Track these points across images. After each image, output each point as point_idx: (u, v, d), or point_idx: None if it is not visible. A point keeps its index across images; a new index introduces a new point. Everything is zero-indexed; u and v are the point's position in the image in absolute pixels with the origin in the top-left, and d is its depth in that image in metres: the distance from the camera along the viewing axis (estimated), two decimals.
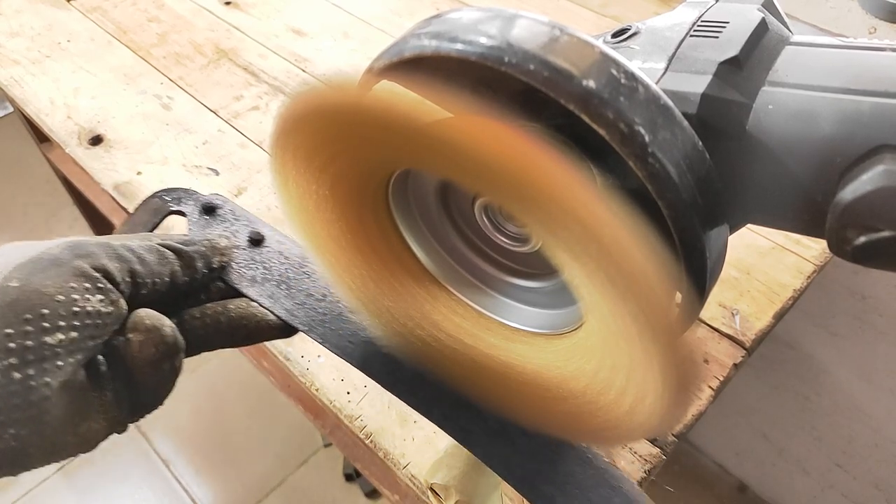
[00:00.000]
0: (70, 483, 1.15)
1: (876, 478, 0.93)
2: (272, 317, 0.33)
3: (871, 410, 0.87)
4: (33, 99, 0.66)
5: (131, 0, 0.81)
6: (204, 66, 0.71)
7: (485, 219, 0.32)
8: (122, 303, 0.26)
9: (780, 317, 0.50)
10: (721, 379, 0.46)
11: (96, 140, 0.62)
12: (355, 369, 0.33)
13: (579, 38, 0.24)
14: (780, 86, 0.26)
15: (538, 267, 0.33)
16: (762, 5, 0.29)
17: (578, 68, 0.23)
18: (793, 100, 0.26)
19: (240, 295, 0.33)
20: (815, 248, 0.54)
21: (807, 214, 0.26)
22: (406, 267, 0.35)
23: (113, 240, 0.27)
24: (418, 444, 0.42)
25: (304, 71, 0.71)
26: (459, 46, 0.24)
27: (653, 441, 0.43)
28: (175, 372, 0.28)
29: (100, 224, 1.19)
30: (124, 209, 0.59)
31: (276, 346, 0.47)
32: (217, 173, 0.59)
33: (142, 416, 0.28)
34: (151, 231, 0.36)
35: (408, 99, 0.21)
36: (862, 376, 0.85)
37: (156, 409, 0.28)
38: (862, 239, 0.23)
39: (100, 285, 0.25)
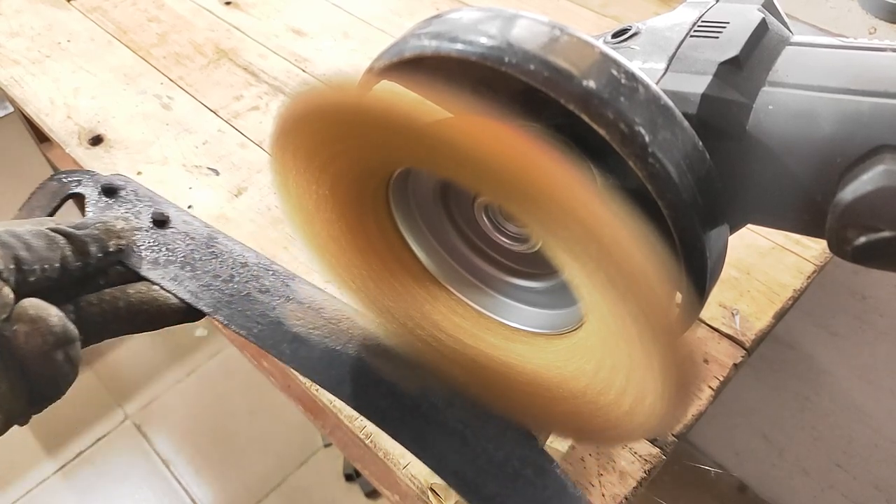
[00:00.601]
0: (70, 483, 1.15)
1: (876, 478, 0.93)
2: (175, 300, 0.32)
3: (871, 410, 0.87)
4: (33, 99, 0.66)
5: (131, 0, 0.81)
6: (204, 66, 0.71)
7: (485, 218, 0.32)
8: (7, 291, 0.25)
9: (780, 317, 0.50)
10: (721, 379, 0.46)
11: (96, 140, 0.62)
12: None
13: (579, 38, 0.24)
14: (780, 86, 0.26)
15: (538, 267, 0.33)
16: (762, 5, 0.29)
17: (579, 68, 0.23)
18: (793, 100, 0.26)
19: (142, 279, 0.32)
20: (815, 248, 0.54)
21: (807, 214, 0.26)
22: (406, 267, 0.35)
23: None
24: None
25: (304, 71, 0.71)
26: (459, 46, 0.24)
27: (653, 441, 0.43)
28: (71, 361, 0.26)
29: None
30: None
31: None
32: (217, 173, 0.59)
33: (44, 407, 0.27)
34: (51, 215, 0.34)
35: (408, 99, 0.21)
36: (862, 376, 0.85)
37: (58, 399, 0.27)
38: (862, 239, 0.23)
39: None
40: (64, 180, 0.35)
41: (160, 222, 0.34)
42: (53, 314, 0.26)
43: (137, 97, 0.67)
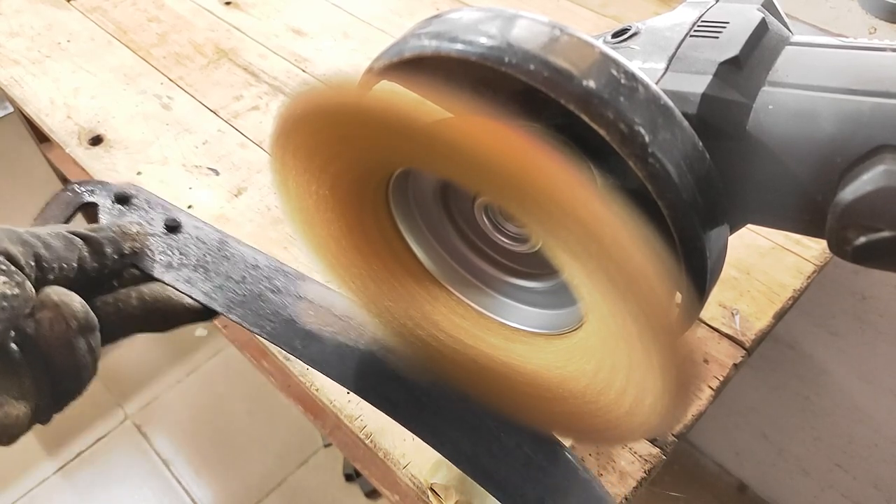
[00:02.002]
0: (70, 483, 1.15)
1: (876, 478, 0.93)
2: (189, 300, 0.32)
3: (871, 410, 0.87)
4: (33, 99, 0.66)
5: (131, 0, 0.81)
6: (204, 66, 0.71)
7: (485, 219, 0.32)
8: (28, 285, 0.25)
9: (780, 317, 0.50)
10: (721, 379, 0.46)
11: (96, 140, 0.62)
12: None
13: (579, 38, 0.24)
14: (780, 86, 0.26)
15: (538, 267, 0.33)
16: (762, 5, 0.29)
17: (578, 68, 0.23)
18: (793, 100, 0.26)
19: (156, 281, 0.33)
20: (815, 248, 0.54)
21: (807, 214, 0.26)
22: (406, 267, 0.35)
23: (18, 228, 0.27)
24: (418, 444, 0.42)
25: (304, 71, 0.71)
26: (459, 46, 0.24)
27: (653, 441, 0.43)
28: (93, 352, 0.27)
29: None
30: None
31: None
32: (217, 173, 0.59)
33: (66, 404, 0.28)
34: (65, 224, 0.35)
35: (408, 99, 0.21)
36: (862, 376, 0.85)
37: (80, 394, 0.28)
38: (862, 239, 0.23)
39: (2, 267, 0.24)
40: (77, 190, 0.36)
41: (172, 228, 0.35)
42: (76, 300, 0.26)
43: (137, 97, 0.67)
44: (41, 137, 1.03)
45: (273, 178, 0.30)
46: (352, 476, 1.16)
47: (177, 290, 0.32)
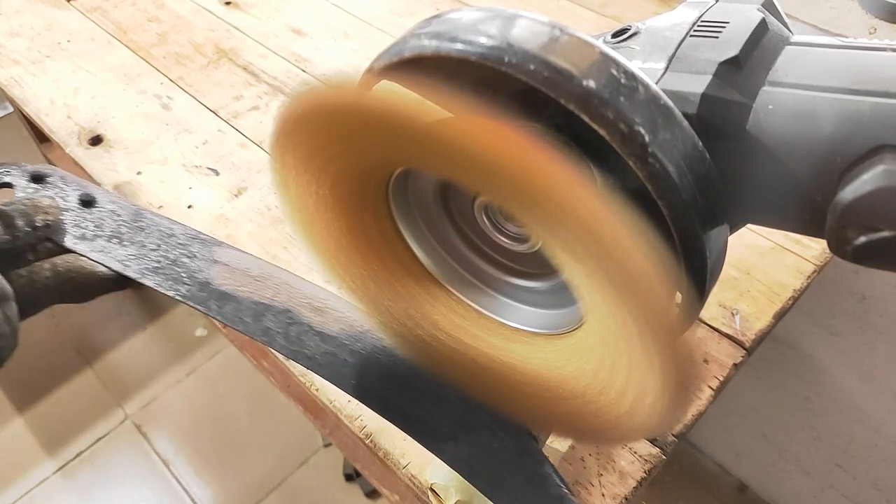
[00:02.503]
0: (70, 483, 1.15)
1: (876, 478, 0.93)
2: (102, 269, 0.33)
3: (871, 410, 0.87)
4: (33, 99, 0.66)
5: (131, 0, 0.81)
6: (204, 66, 0.71)
7: (485, 219, 0.32)
8: None
9: (780, 317, 0.50)
10: (721, 379, 0.46)
11: (96, 140, 0.62)
12: None
13: (579, 38, 0.24)
14: (780, 86, 0.26)
15: (538, 267, 0.33)
16: (762, 5, 0.29)
17: (578, 68, 0.23)
18: (793, 100, 0.26)
19: (70, 253, 0.33)
20: (815, 248, 0.54)
21: (807, 214, 0.26)
22: (406, 267, 0.35)
23: None
24: (418, 445, 0.42)
25: (304, 71, 0.71)
26: (459, 46, 0.24)
27: (653, 441, 0.43)
28: (10, 322, 0.27)
29: None
30: None
31: None
32: (217, 173, 0.59)
33: None
34: None
35: (408, 99, 0.21)
36: (862, 376, 0.85)
37: (1, 365, 0.28)
38: (862, 239, 0.23)
39: None
40: None
41: (87, 202, 0.36)
42: None
43: (137, 97, 0.67)
44: (41, 137, 1.03)
45: (273, 178, 0.30)
46: (352, 476, 1.16)
47: (91, 260, 0.33)
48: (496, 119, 0.20)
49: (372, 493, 1.14)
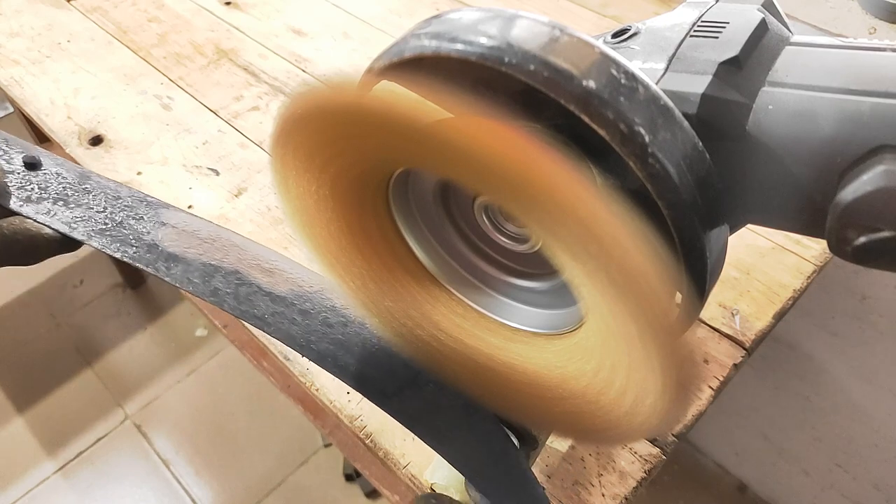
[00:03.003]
0: (70, 483, 1.15)
1: (876, 478, 0.93)
2: (49, 230, 0.33)
3: (871, 410, 0.87)
4: (33, 99, 0.66)
5: (131, 0, 0.81)
6: (204, 67, 0.71)
7: (485, 219, 0.32)
8: None
9: (780, 317, 0.50)
10: (721, 379, 0.46)
11: (96, 140, 0.62)
12: None
13: (579, 39, 0.24)
14: (780, 86, 0.26)
15: (538, 267, 0.33)
16: (762, 5, 0.29)
17: (578, 68, 0.23)
18: (793, 100, 0.26)
19: (14, 215, 0.33)
20: (815, 248, 0.54)
21: (807, 214, 0.26)
22: (406, 267, 0.35)
23: None
24: (418, 444, 0.42)
25: (304, 71, 0.71)
26: (459, 46, 0.24)
27: (653, 441, 0.43)
28: None
29: None
30: None
31: (277, 345, 0.47)
32: (217, 173, 0.59)
33: None
34: None
35: (408, 99, 0.21)
36: (862, 376, 0.85)
37: None
38: (862, 239, 0.23)
39: None
40: None
41: (31, 165, 0.36)
42: None
43: (137, 97, 0.67)
44: (41, 137, 1.03)
45: (273, 178, 0.30)
46: (352, 476, 1.16)
47: (36, 222, 0.33)
48: (496, 119, 0.20)
49: (372, 493, 1.14)
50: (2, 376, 1.26)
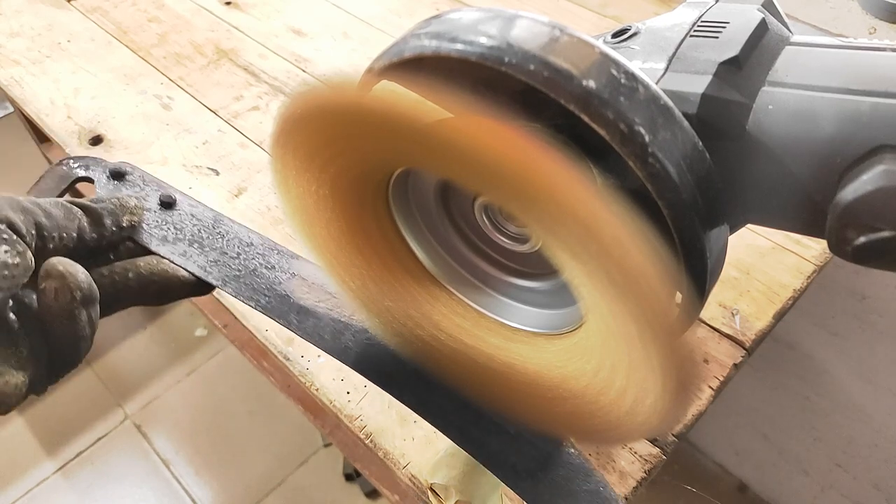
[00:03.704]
0: (70, 483, 1.15)
1: (876, 478, 0.93)
2: (184, 273, 0.33)
3: (871, 410, 0.87)
4: (33, 99, 0.66)
5: (131, 0, 0.81)
6: (204, 66, 0.71)
7: (485, 219, 0.32)
8: (29, 254, 0.25)
9: (780, 317, 0.50)
10: (721, 379, 0.46)
11: (96, 140, 0.62)
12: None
13: (579, 39, 0.24)
14: (780, 86, 0.26)
15: (538, 267, 0.33)
16: (762, 5, 0.29)
17: (578, 68, 0.23)
18: (793, 100, 0.26)
19: (151, 254, 0.33)
20: (815, 248, 0.54)
21: (807, 214, 0.26)
22: (406, 267, 0.35)
23: (18, 196, 0.27)
24: (418, 444, 0.42)
25: (304, 71, 0.71)
26: (459, 46, 0.24)
27: (653, 441, 0.43)
28: (92, 324, 0.27)
29: None
30: None
31: (277, 345, 0.47)
32: (217, 173, 0.59)
33: (61, 375, 0.27)
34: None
35: (408, 99, 0.21)
36: (862, 376, 0.85)
37: (75, 366, 0.28)
38: (862, 239, 0.23)
39: (4, 236, 0.24)
40: (72, 165, 0.36)
41: (167, 204, 0.36)
42: (81, 271, 0.26)
43: (137, 97, 0.67)
44: (41, 137, 1.03)
45: (273, 178, 0.30)
46: (352, 476, 1.16)
47: (172, 263, 0.33)
48: (496, 119, 0.20)
49: (372, 493, 1.14)
50: None
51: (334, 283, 0.34)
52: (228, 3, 0.80)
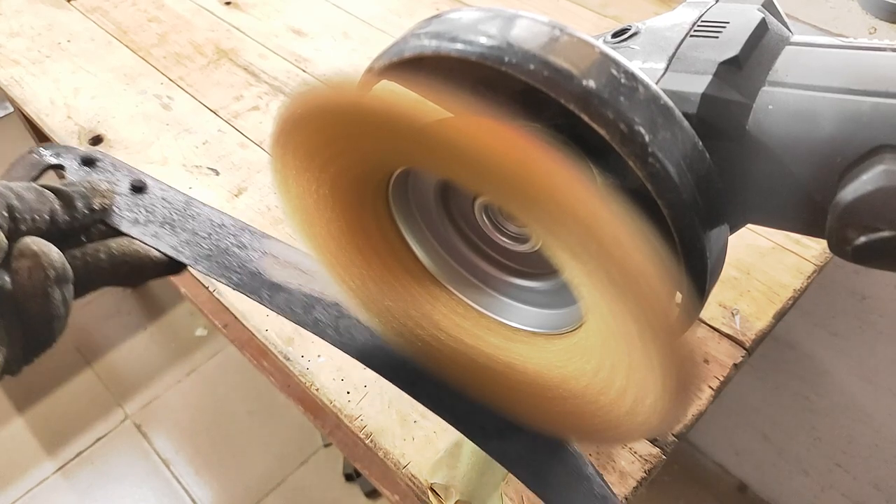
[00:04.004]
0: (70, 483, 1.15)
1: (876, 478, 0.93)
2: (156, 253, 0.33)
3: (871, 410, 0.87)
4: (33, 99, 0.66)
5: (131, 0, 0.81)
6: (204, 66, 0.71)
7: (485, 218, 0.32)
8: (2, 236, 0.25)
9: (780, 317, 0.50)
10: (721, 379, 0.46)
11: (96, 140, 0.62)
12: (354, 370, 0.33)
13: (579, 38, 0.24)
14: (780, 86, 0.26)
15: (538, 267, 0.33)
16: (762, 5, 0.29)
17: (578, 68, 0.23)
18: (793, 100, 0.26)
19: (123, 236, 0.33)
20: (815, 248, 0.54)
21: (807, 214, 0.26)
22: (406, 267, 0.35)
23: None
24: (418, 444, 0.42)
25: (304, 71, 0.71)
26: (459, 46, 0.24)
27: (653, 441, 0.43)
28: (66, 303, 0.27)
29: None
30: None
31: (276, 345, 0.47)
32: (217, 173, 0.59)
33: (36, 356, 0.28)
34: None
35: (408, 99, 0.21)
36: (862, 376, 0.85)
37: (50, 346, 0.28)
38: (862, 239, 0.23)
39: None
40: (42, 153, 0.36)
41: (138, 188, 0.36)
42: (54, 250, 0.27)
43: (137, 97, 0.67)
44: (41, 137, 1.03)
45: (273, 178, 0.30)
46: (352, 476, 1.16)
47: (144, 244, 0.33)
48: (496, 119, 0.20)
49: (372, 493, 1.14)
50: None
51: (334, 282, 0.34)
52: (228, 3, 0.80)
